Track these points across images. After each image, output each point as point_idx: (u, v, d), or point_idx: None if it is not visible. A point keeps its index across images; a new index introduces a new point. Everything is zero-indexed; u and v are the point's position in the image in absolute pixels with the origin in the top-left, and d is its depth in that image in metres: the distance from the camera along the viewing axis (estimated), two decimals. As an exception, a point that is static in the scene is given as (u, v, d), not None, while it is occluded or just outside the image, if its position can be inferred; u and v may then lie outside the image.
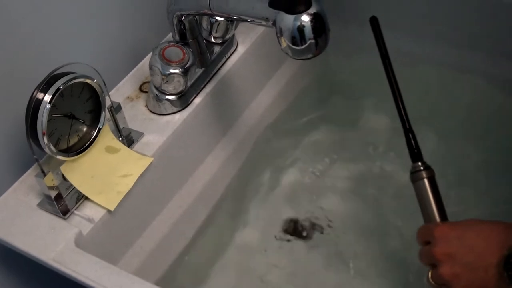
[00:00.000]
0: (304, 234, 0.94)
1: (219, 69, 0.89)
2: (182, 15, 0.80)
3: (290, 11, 0.64)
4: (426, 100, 1.00)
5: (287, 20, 0.64)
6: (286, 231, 0.95)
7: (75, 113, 0.73)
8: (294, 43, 0.65)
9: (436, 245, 0.62)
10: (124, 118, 0.79)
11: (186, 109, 0.84)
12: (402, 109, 0.70)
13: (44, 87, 0.67)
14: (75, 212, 0.74)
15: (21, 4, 0.74)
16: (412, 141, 0.69)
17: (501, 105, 0.99)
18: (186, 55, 0.81)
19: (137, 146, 0.80)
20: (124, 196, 0.75)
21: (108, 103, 0.76)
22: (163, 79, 0.80)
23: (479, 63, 1.00)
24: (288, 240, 0.94)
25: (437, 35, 1.02)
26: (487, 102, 1.00)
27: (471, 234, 0.60)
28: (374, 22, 0.71)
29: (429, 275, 0.64)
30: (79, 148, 0.74)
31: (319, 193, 0.99)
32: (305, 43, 0.65)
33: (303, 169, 1.02)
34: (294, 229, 0.95)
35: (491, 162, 0.96)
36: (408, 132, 0.69)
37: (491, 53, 0.99)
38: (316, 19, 0.64)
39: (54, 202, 0.72)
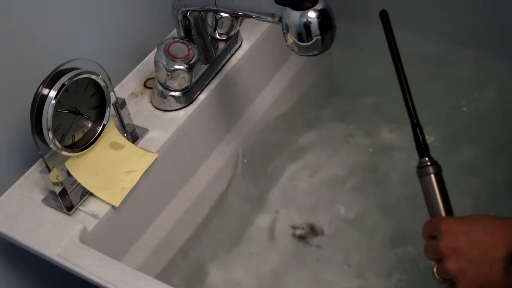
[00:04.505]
0: (306, 233, 0.94)
1: (223, 65, 0.89)
2: (187, 11, 0.80)
3: (296, 7, 0.64)
4: (429, 97, 1.00)
5: (293, 16, 0.64)
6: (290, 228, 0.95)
7: (80, 109, 0.73)
8: (300, 40, 0.65)
9: (443, 239, 0.61)
10: (128, 114, 0.79)
11: (191, 105, 0.84)
12: (410, 104, 0.69)
13: (49, 82, 0.67)
14: (80, 208, 0.74)
15: (25, 0, 0.74)
16: (420, 136, 0.68)
17: (504, 102, 0.99)
18: (191, 51, 0.81)
19: (141, 142, 0.80)
20: (129, 192, 0.75)
21: (113, 99, 0.76)
22: (168, 75, 0.80)
23: (483, 60, 1.00)
24: (293, 238, 0.94)
25: (441, 32, 1.02)
26: (490, 99, 1.00)
27: (477, 229, 0.60)
28: (383, 16, 0.71)
29: (434, 270, 0.64)
30: (84, 144, 0.74)
31: (322, 191, 0.98)
32: (312, 40, 0.65)
33: (306, 166, 1.01)
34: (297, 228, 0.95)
35: (494, 159, 0.96)
36: (416, 127, 0.69)
37: (496, 51, 0.99)
38: (323, 15, 0.64)
39: (59, 198, 0.72)
